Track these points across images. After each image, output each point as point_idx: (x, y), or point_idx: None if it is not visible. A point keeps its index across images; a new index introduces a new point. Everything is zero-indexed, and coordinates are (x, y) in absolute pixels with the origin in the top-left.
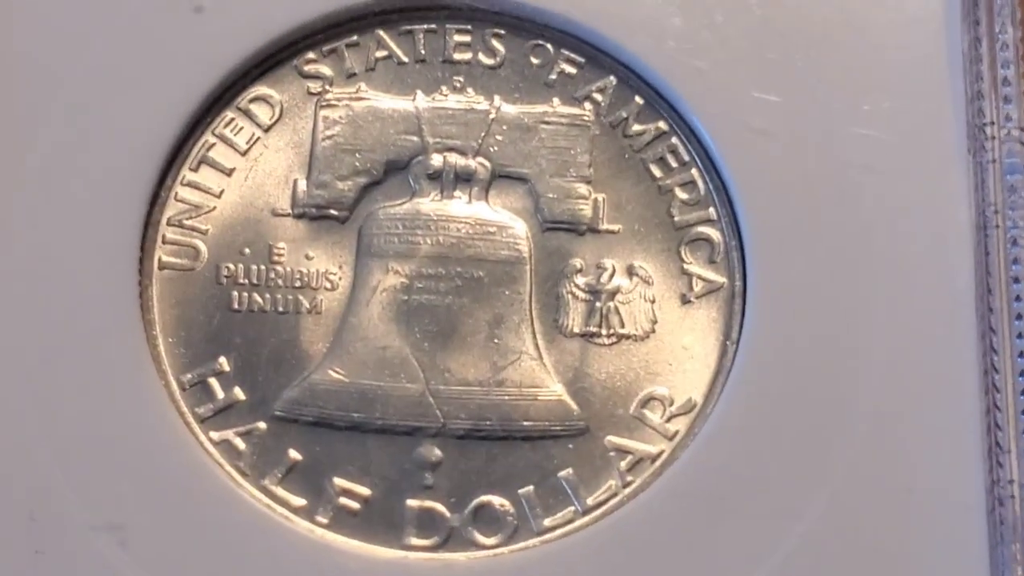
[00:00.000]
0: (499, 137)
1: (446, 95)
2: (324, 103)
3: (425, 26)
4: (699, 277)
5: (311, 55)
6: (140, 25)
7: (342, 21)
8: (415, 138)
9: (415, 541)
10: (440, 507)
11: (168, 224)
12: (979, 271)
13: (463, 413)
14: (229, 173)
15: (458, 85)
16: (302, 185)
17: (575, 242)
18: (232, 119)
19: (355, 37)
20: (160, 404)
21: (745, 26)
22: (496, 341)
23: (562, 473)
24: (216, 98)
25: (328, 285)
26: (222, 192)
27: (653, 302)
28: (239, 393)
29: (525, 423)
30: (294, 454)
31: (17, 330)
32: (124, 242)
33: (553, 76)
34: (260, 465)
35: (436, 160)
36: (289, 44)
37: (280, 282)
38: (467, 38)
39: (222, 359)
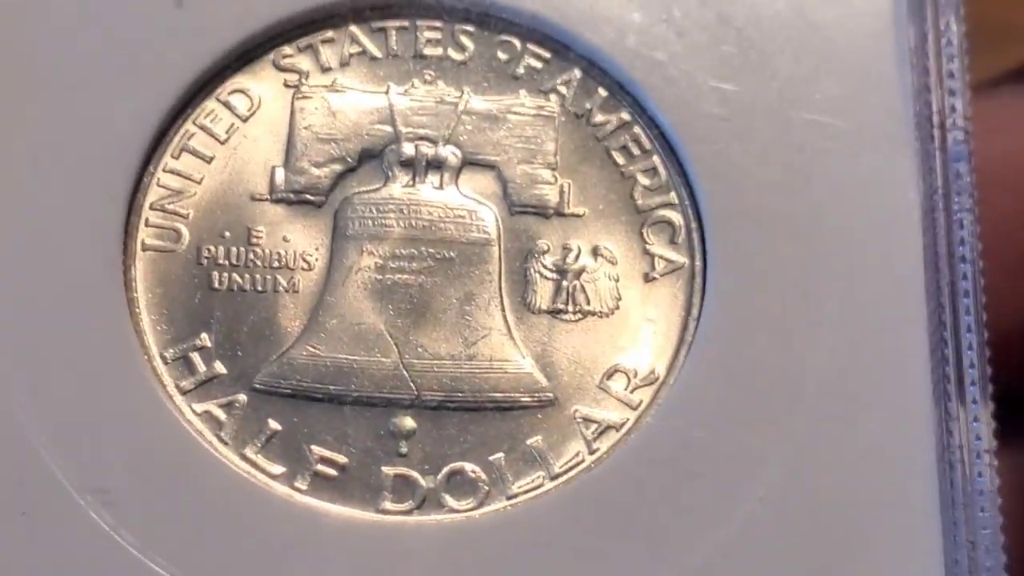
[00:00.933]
0: (468, 127)
1: (417, 88)
2: (300, 95)
3: (397, 23)
4: (661, 257)
5: (288, 50)
6: (125, 19)
7: (318, 18)
8: (388, 128)
9: (390, 506)
10: (414, 474)
11: (151, 208)
12: (928, 251)
13: (436, 385)
14: (209, 160)
15: (429, 78)
16: (280, 172)
17: (542, 225)
18: (212, 110)
19: (330, 33)
20: (144, 377)
21: (702, 20)
22: (467, 318)
23: (531, 441)
24: (197, 90)
25: (305, 265)
26: (203, 178)
27: (617, 280)
28: (220, 367)
29: (495, 394)
30: (273, 424)
31: (7, 307)
32: (109, 225)
33: (520, 70)
34: (241, 435)
35: (408, 148)
36: (267, 39)
37: (259, 263)
38: (437, 35)
39: (203, 335)
